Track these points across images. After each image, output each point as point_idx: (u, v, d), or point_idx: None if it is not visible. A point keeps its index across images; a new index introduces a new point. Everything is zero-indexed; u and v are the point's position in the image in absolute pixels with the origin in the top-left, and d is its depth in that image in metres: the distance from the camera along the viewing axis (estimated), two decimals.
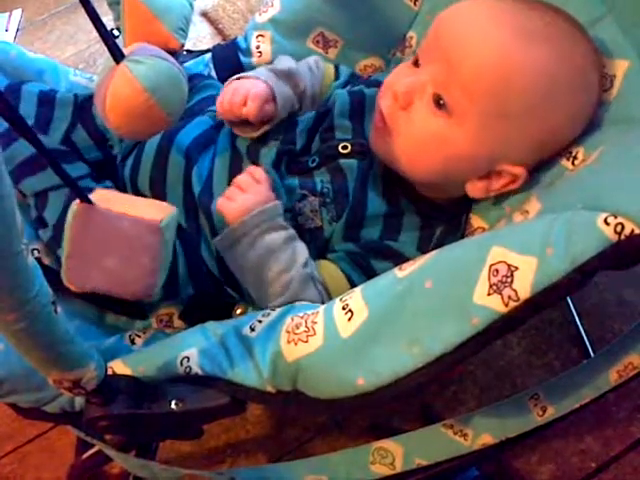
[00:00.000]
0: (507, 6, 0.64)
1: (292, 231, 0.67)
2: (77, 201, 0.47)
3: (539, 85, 0.61)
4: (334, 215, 0.69)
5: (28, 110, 0.75)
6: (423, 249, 0.68)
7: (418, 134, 0.66)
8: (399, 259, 0.66)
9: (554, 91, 0.61)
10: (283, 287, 0.64)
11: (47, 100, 0.77)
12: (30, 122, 0.74)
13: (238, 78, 0.75)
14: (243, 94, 0.71)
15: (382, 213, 0.69)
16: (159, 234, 0.49)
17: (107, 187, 0.73)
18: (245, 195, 0.67)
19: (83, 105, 0.78)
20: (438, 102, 0.64)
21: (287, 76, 0.77)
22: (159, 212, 0.49)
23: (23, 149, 0.68)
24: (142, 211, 0.49)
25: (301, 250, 0.66)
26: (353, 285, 0.66)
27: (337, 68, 0.85)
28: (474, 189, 0.67)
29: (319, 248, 0.70)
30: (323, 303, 0.64)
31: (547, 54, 0.61)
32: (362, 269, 0.67)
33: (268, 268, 0.65)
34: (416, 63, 0.67)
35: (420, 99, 0.65)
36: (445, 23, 0.65)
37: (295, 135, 0.75)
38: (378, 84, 0.74)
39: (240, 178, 0.69)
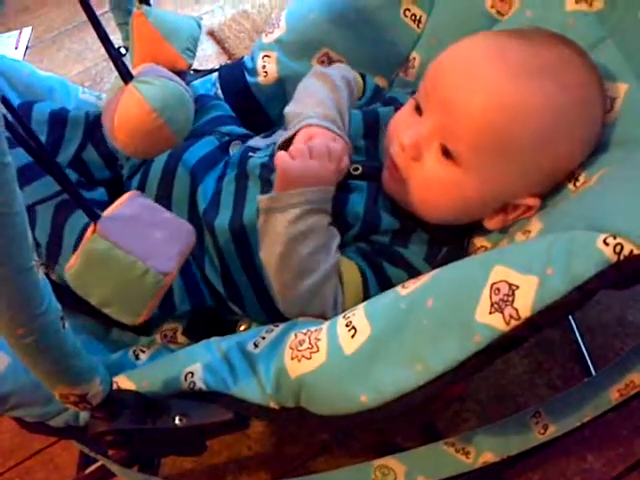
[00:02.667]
0: (501, 44, 0.64)
1: (330, 218, 0.67)
2: (90, 230, 0.48)
3: (543, 119, 0.60)
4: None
5: (39, 130, 0.75)
6: (430, 262, 0.68)
7: (430, 183, 0.66)
8: (408, 268, 0.66)
9: (559, 122, 0.61)
10: (310, 270, 0.62)
11: (58, 119, 0.78)
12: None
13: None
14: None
15: (393, 228, 0.69)
16: None
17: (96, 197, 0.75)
18: (312, 163, 0.64)
19: (94, 124, 0.78)
20: (445, 152, 0.64)
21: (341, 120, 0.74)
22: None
23: (20, 157, 0.69)
24: (123, 196, 0.52)
25: (337, 238, 0.66)
26: (365, 277, 0.66)
27: (364, 79, 0.84)
28: (491, 223, 0.67)
29: None
30: (335, 297, 0.64)
31: (547, 87, 0.60)
32: (372, 265, 0.67)
33: (304, 245, 0.63)
34: (418, 108, 0.67)
35: (428, 150, 0.65)
36: (440, 71, 0.65)
37: None
38: (394, 102, 0.75)
39: (317, 143, 0.66)
